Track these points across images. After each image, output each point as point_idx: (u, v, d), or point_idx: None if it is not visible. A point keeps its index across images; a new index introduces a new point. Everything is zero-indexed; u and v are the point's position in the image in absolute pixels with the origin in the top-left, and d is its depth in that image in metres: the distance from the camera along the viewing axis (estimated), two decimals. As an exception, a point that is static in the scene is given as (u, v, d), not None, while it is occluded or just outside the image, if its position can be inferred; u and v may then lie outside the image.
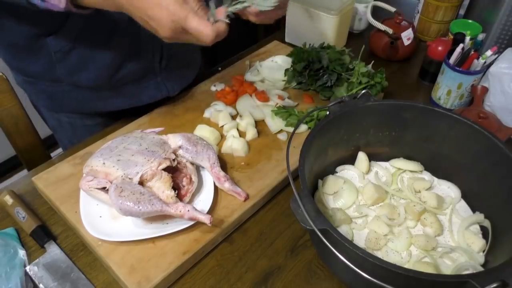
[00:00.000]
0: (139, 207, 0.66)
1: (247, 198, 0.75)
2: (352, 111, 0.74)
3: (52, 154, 1.09)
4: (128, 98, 0.94)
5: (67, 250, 0.72)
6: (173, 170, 0.76)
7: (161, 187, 0.71)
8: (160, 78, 0.93)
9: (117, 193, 0.67)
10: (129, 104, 0.95)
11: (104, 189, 0.72)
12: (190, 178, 0.75)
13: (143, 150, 0.75)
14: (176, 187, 0.74)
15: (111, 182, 0.70)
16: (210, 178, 0.78)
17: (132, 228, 0.71)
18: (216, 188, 0.77)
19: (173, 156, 0.76)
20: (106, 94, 0.91)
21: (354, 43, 1.12)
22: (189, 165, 0.77)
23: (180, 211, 0.67)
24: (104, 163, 0.73)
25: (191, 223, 0.70)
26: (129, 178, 0.70)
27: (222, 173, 0.76)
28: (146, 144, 0.76)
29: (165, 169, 0.73)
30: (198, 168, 0.80)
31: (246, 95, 0.97)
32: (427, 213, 0.72)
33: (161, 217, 0.71)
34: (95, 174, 0.72)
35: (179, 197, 0.73)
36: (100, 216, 0.72)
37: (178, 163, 0.77)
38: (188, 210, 0.67)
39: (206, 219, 0.66)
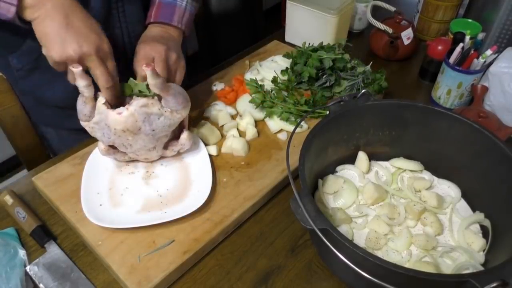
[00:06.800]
0: None
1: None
2: (352, 110, 0.74)
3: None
4: None
5: (67, 250, 0.72)
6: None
7: None
8: None
9: None
10: None
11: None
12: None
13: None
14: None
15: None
16: (207, 169, 0.79)
17: (131, 216, 0.73)
18: (214, 181, 0.78)
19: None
20: (73, 112, 0.85)
21: (354, 43, 1.12)
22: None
23: None
24: None
25: (189, 211, 0.71)
26: None
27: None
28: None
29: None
30: (194, 160, 0.81)
31: (246, 95, 0.97)
32: (427, 213, 0.72)
33: (159, 206, 0.74)
34: None
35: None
36: (100, 205, 0.74)
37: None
38: None
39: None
